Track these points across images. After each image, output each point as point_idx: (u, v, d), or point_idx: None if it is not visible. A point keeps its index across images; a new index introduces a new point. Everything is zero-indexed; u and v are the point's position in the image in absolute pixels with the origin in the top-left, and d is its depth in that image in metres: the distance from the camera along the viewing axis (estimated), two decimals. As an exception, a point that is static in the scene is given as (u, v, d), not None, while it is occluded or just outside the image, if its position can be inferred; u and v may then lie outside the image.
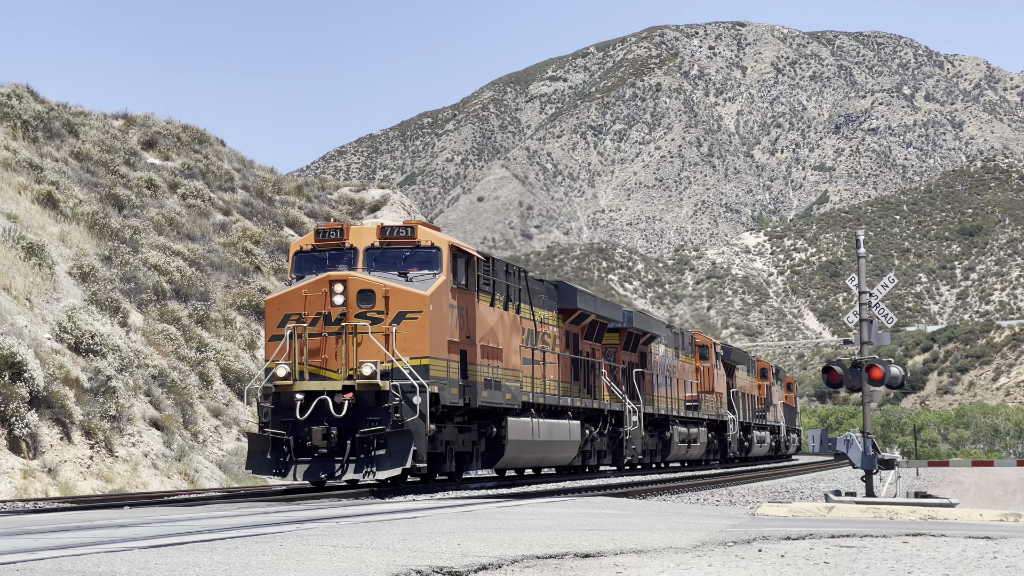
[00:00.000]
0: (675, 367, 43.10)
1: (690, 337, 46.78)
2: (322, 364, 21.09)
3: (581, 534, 10.27)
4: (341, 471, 20.44)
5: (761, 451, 59.50)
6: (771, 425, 63.72)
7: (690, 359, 45.89)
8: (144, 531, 10.23)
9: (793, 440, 74.88)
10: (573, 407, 30.26)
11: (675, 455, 41.96)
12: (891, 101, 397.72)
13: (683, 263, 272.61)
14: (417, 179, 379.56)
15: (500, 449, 25.25)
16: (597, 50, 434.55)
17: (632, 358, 37.01)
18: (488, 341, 24.30)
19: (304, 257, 22.52)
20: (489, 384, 24.22)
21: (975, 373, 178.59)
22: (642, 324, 37.39)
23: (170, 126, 55.59)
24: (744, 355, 57.91)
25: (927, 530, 11.55)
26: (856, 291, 22.48)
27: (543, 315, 29.04)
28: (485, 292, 24.43)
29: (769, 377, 63.63)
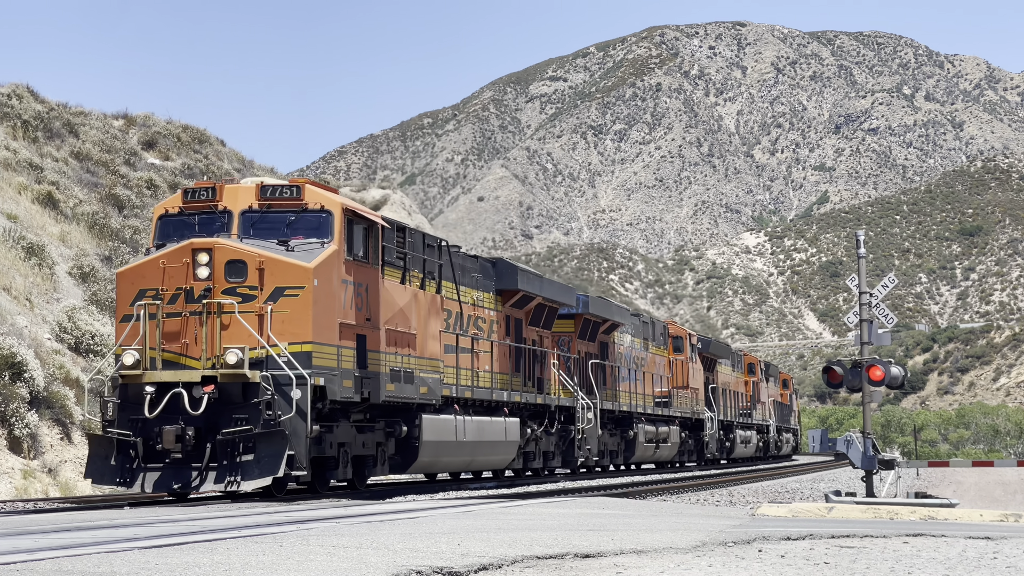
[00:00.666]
0: (644, 360, 39.63)
1: (662, 327, 43.24)
2: (181, 350, 17.78)
3: (581, 534, 10.27)
4: (198, 480, 17.27)
5: (746, 452, 56.04)
6: (758, 424, 59.86)
7: (662, 351, 42.37)
8: (144, 531, 10.23)
9: (787, 440, 71.45)
10: (511, 402, 26.72)
11: (641, 456, 38.66)
12: (891, 101, 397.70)
13: (683, 263, 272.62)
14: (417, 179, 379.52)
15: (413, 452, 21.75)
16: (597, 50, 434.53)
17: (590, 348, 33.59)
18: (397, 325, 20.71)
19: (169, 222, 19.01)
20: (397, 376, 20.69)
21: (975, 373, 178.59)
22: (600, 310, 33.87)
23: (170, 126, 55.61)
24: (726, 348, 54.86)
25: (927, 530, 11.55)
26: (856, 291, 22.48)
27: (476, 296, 25.51)
28: (394, 267, 20.82)
29: (757, 372, 60.10)
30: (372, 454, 20.68)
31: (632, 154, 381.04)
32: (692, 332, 46.22)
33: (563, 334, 31.88)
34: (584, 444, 30.83)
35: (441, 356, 23.00)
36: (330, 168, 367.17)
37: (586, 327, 33.20)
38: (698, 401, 45.60)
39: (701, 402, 46.37)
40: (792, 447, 74.78)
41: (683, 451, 44.56)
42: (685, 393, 43.80)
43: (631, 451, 36.96)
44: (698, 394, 45.89)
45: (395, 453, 21.56)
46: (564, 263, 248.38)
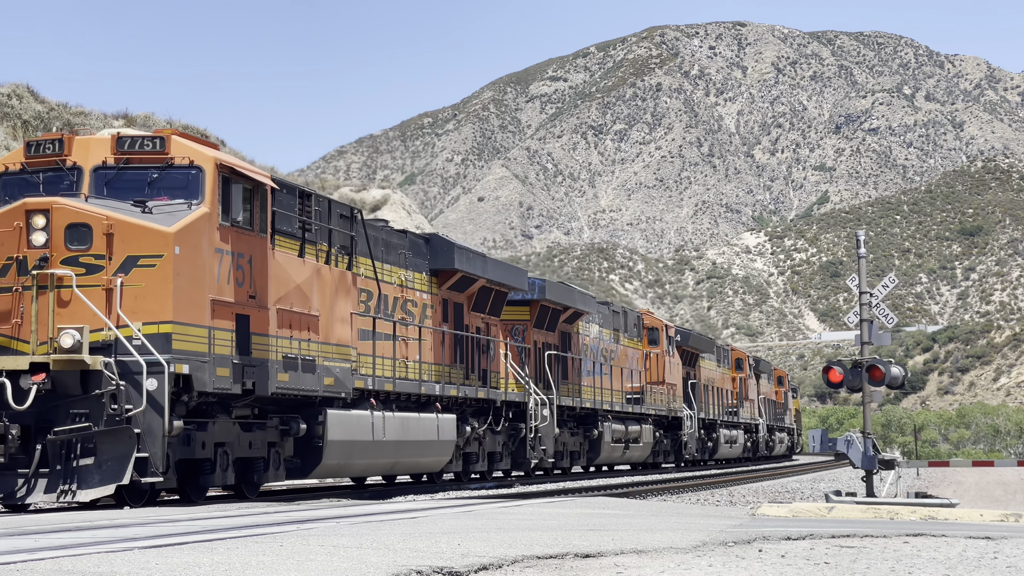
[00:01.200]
0: (613, 352, 36.48)
1: (636, 317, 39.86)
2: (12, 332, 15.02)
3: (581, 534, 10.27)
4: (24, 490, 14.61)
5: (731, 453, 52.66)
6: (746, 423, 56.20)
7: (635, 344, 39.13)
8: (144, 531, 10.23)
9: (781, 440, 67.77)
10: (446, 397, 23.37)
11: (607, 458, 35.38)
12: (891, 101, 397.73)
13: (683, 263, 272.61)
14: (417, 179, 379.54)
15: (316, 453, 18.74)
16: (597, 50, 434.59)
17: (548, 339, 30.67)
18: (292, 304, 17.71)
19: (10, 181, 16.14)
20: (293, 363, 17.64)
21: (975, 373, 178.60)
22: (560, 297, 30.68)
23: (170, 125, 55.65)
24: (709, 342, 51.24)
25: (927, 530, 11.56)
26: (856, 291, 22.48)
27: (404, 276, 22.41)
28: (289, 236, 17.76)
29: (745, 368, 56.52)
30: (263, 456, 17.70)
31: (632, 154, 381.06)
32: (670, 323, 43.32)
33: (517, 322, 29.16)
34: (538, 444, 27.94)
35: (353, 342, 19.71)
36: (330, 168, 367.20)
37: (543, 315, 30.31)
38: (675, 398, 42.31)
39: (679, 399, 43.20)
40: (787, 447, 71.79)
41: (657, 451, 41.63)
42: (660, 389, 40.69)
43: (596, 452, 33.93)
44: (675, 390, 42.70)
45: (294, 455, 18.60)
46: (564, 263, 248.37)
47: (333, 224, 19.17)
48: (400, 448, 21.36)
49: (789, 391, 73.92)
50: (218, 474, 16.69)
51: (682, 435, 43.35)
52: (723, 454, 51.35)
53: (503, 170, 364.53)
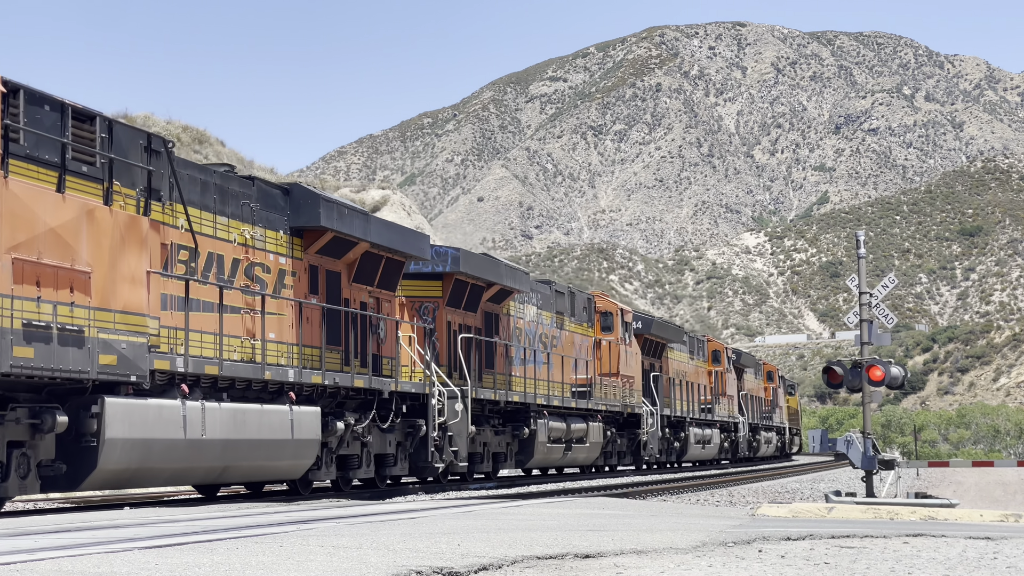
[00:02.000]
0: (556, 339, 31.81)
1: (585, 300, 34.88)
2: None
3: (581, 534, 10.27)
4: None
5: (705, 454, 48.46)
6: (723, 421, 51.81)
7: (585, 330, 34.35)
8: (144, 531, 10.23)
9: (768, 440, 63.52)
10: (305, 385, 18.78)
11: (543, 460, 30.20)
12: (891, 101, 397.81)
13: (683, 263, 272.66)
14: (417, 179, 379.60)
15: (89, 456, 14.39)
16: (597, 50, 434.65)
17: (469, 320, 26.20)
18: (43, 254, 13.58)
19: None
20: (41, 334, 13.43)
21: (975, 373, 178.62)
22: (481, 270, 26.02)
23: (170, 126, 55.66)
24: (677, 331, 45.80)
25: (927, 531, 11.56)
26: (856, 291, 22.48)
27: (250, 234, 17.96)
28: (41, 164, 13.78)
29: (723, 361, 51.91)
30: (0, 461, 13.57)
31: (632, 154, 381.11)
32: (627, 308, 38.00)
33: (425, 300, 24.74)
34: (447, 444, 23.29)
35: (152, 311, 15.58)
36: (330, 168, 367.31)
37: (460, 292, 25.62)
38: (633, 392, 37.20)
39: (638, 393, 38.04)
40: (777, 447, 67.17)
41: (611, 452, 36.74)
42: (614, 381, 35.54)
43: (527, 453, 29.14)
44: (633, 383, 37.54)
45: (56, 458, 14.28)
46: (564, 263, 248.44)
47: (125, 156, 15.25)
48: (232, 449, 16.93)
49: (780, 387, 69.73)
50: None
51: (641, 434, 38.44)
52: (695, 455, 46.84)
53: (503, 170, 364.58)
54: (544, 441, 29.63)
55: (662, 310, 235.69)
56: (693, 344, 48.79)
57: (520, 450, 29.06)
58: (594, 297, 36.16)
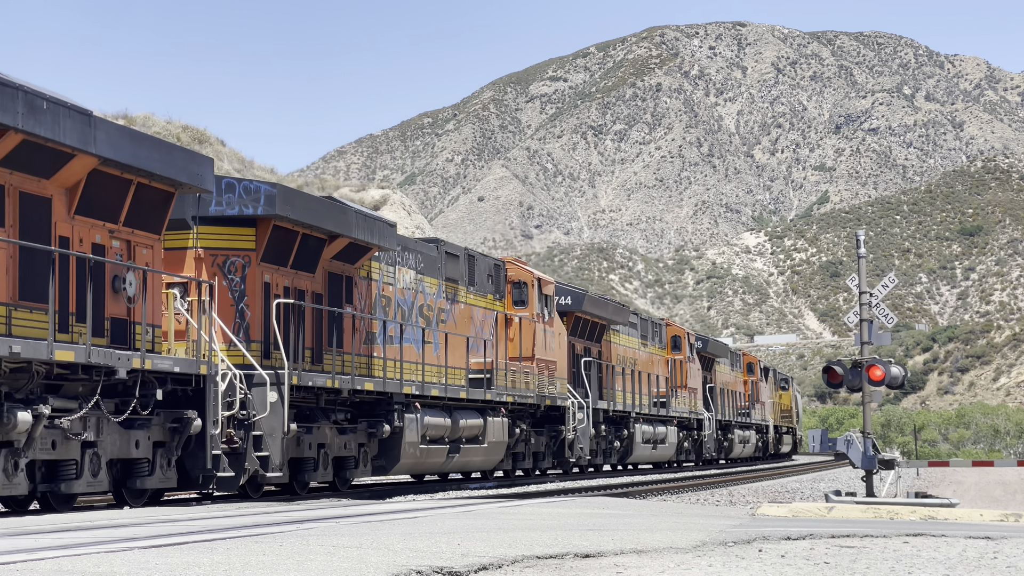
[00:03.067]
0: (444, 312, 25.28)
1: (491, 267, 27.87)
2: None
3: (581, 534, 10.26)
4: None
5: (655, 455, 41.15)
6: (682, 417, 44.50)
7: (488, 302, 27.57)
8: (144, 531, 10.23)
9: (746, 439, 56.29)
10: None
11: (412, 465, 23.52)
12: (891, 101, 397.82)
13: (683, 263, 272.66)
14: (417, 179, 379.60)
15: None
16: (597, 50, 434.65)
17: (299, 282, 19.84)
18: None
19: None
20: None
21: (975, 373, 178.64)
22: (313, 217, 19.66)
23: (170, 126, 55.67)
24: (622, 311, 38.06)
25: (927, 530, 11.56)
26: (856, 291, 22.48)
27: None
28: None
29: (683, 348, 44.78)
30: None
31: (632, 154, 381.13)
32: (548, 278, 31.04)
33: (232, 253, 18.90)
34: (250, 447, 17.79)
35: None
36: (330, 168, 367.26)
37: (284, 244, 19.47)
38: (552, 380, 30.20)
39: (560, 382, 31.26)
40: (758, 447, 60.04)
41: (522, 455, 29.32)
42: (527, 367, 28.83)
43: (392, 456, 22.46)
44: (552, 369, 30.66)
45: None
46: (564, 263, 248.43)
47: None
48: None
49: (764, 380, 63.00)
50: None
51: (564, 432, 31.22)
52: (641, 456, 40.01)
53: (503, 170, 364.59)
54: (414, 441, 23.11)
55: (662, 310, 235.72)
56: (647, 328, 41.57)
57: (380, 453, 22.60)
58: (504, 264, 29.33)
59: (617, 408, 36.52)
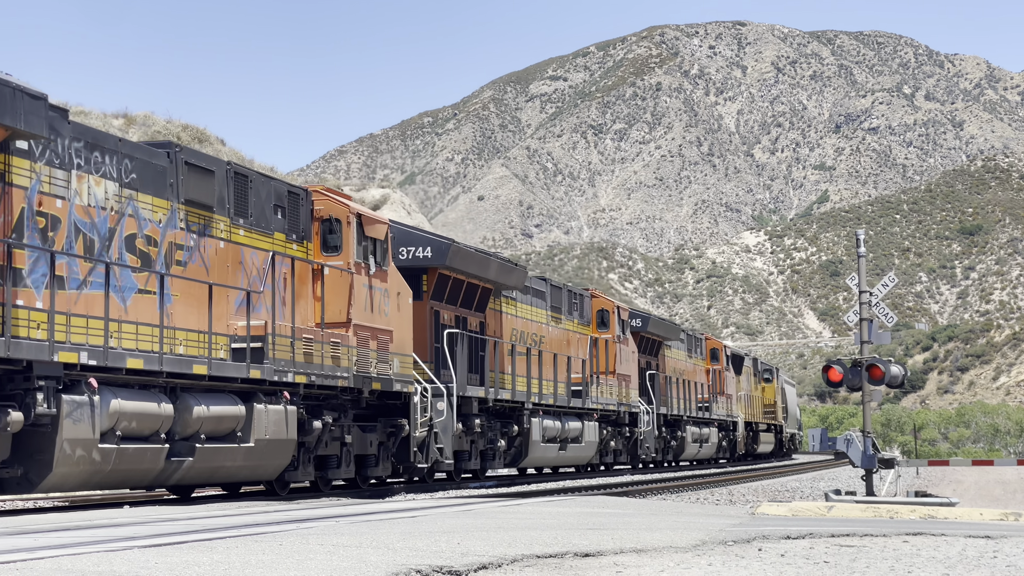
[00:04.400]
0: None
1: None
2: None
3: (581, 533, 10.26)
4: None
5: (566, 457, 32.66)
6: (608, 411, 36.10)
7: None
8: (144, 530, 10.23)
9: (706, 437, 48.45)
10: None
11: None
12: (891, 100, 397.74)
13: (683, 262, 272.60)
14: (417, 178, 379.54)
15: None
16: (597, 49, 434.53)
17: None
18: None
19: None
20: None
21: (975, 372, 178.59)
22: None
23: (170, 125, 55.65)
24: (533, 278, 31.62)
25: (927, 529, 11.56)
26: (856, 290, 22.48)
27: None
28: None
29: (612, 325, 35.82)
30: None
31: (632, 153, 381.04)
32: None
33: None
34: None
35: None
36: (330, 167, 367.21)
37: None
38: (387, 359, 21.67)
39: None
40: (723, 447, 52.50)
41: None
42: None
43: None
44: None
45: None
46: (564, 262, 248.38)
47: None
48: None
49: (729, 369, 53.64)
50: None
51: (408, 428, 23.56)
52: (540, 459, 31.29)
53: (503, 169, 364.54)
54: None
55: (662, 309, 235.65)
56: (568, 301, 34.01)
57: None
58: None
59: (519, 400, 28.95)
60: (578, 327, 34.53)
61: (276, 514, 13.19)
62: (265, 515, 13.00)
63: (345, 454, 20.59)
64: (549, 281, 32.87)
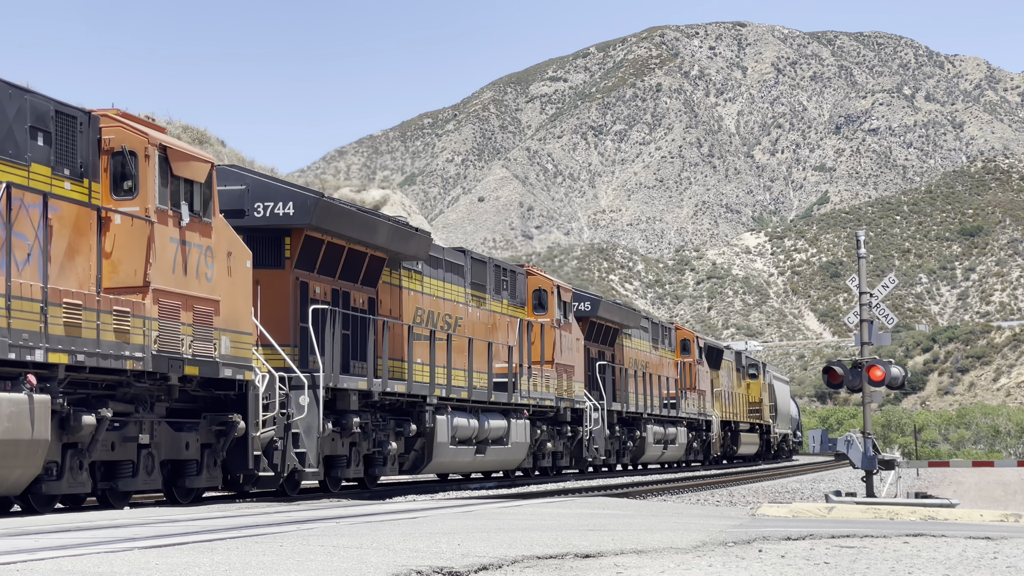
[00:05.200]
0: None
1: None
2: None
3: (581, 534, 10.27)
4: None
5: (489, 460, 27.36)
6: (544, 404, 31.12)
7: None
8: (144, 531, 10.23)
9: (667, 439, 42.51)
10: None
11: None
12: (891, 101, 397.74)
13: (683, 263, 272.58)
14: (417, 179, 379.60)
15: None
16: (597, 50, 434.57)
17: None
18: None
19: None
20: None
21: (975, 373, 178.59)
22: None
23: (171, 126, 55.65)
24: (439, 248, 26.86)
25: (927, 530, 11.56)
26: (856, 291, 22.48)
27: None
28: None
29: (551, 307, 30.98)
30: None
31: (632, 154, 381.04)
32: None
33: None
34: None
35: None
36: (330, 168, 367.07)
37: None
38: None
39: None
40: (694, 449, 46.86)
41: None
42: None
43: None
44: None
45: None
46: (564, 263, 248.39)
47: None
48: None
49: (701, 363, 48.11)
50: None
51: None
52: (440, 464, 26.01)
53: (503, 170, 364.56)
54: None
55: (662, 310, 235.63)
56: (484, 273, 28.81)
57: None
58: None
59: (393, 390, 22.93)
60: (508, 308, 29.51)
61: (276, 515, 13.20)
62: (266, 516, 13.01)
63: (144, 458, 16.11)
64: (470, 254, 27.97)
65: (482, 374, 27.10)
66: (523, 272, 31.17)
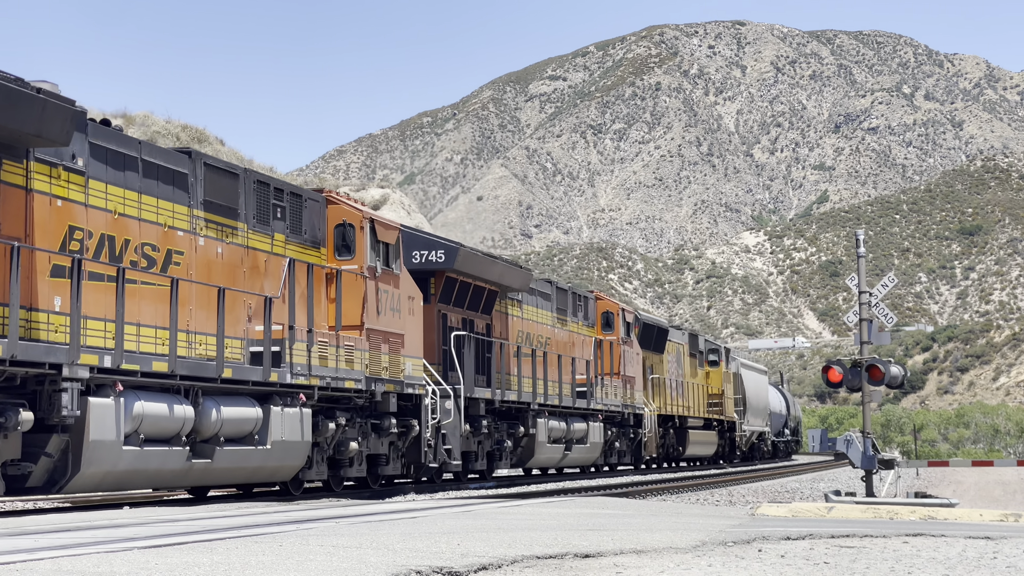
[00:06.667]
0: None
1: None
2: None
3: (581, 534, 10.27)
4: None
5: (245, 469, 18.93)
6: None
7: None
8: (144, 531, 10.23)
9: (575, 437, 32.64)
10: None
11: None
12: (891, 100, 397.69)
13: (683, 263, 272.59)
14: (417, 179, 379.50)
15: None
16: (597, 49, 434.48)
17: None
18: None
19: None
20: None
21: (975, 373, 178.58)
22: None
23: (169, 125, 55.65)
24: None
25: (927, 530, 11.56)
26: (856, 291, 22.48)
27: None
28: None
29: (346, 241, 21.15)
30: None
31: (631, 153, 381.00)
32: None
33: None
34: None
35: None
36: (329, 168, 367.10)
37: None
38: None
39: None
40: (617, 452, 37.78)
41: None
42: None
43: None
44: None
45: None
46: (564, 262, 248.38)
47: None
48: None
49: (629, 343, 38.36)
50: None
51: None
52: None
53: (502, 169, 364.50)
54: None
55: (662, 309, 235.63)
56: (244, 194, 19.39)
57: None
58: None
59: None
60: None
61: (277, 515, 13.19)
62: (266, 516, 13.01)
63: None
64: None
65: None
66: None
